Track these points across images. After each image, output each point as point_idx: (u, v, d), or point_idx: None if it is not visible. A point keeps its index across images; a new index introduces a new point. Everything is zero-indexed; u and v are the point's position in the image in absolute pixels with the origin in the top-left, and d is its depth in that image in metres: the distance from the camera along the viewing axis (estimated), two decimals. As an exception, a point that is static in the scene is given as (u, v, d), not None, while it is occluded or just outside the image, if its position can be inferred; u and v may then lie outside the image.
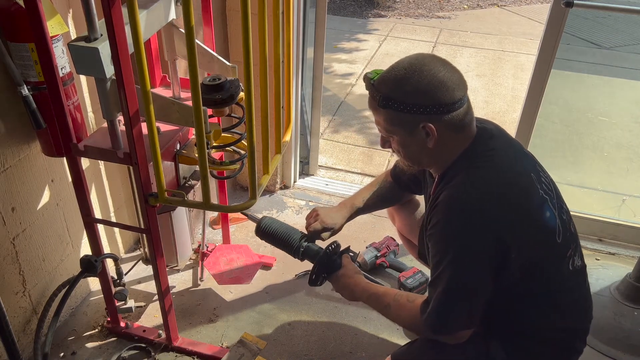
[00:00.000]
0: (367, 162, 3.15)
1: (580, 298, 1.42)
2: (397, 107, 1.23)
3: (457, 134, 1.27)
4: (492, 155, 1.28)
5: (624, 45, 5.15)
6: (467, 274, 1.24)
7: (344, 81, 4.27)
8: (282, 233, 1.60)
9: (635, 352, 1.96)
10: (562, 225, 1.30)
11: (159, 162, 1.40)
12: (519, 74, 4.44)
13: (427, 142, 1.26)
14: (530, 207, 1.25)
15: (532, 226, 1.25)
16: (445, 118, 1.23)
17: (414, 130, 1.25)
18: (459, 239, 1.24)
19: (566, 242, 1.32)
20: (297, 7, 2.34)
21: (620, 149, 3.31)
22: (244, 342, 1.94)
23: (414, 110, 1.22)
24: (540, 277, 1.31)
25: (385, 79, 1.27)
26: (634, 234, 2.46)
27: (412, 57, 1.28)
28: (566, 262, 1.33)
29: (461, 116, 1.25)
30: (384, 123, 1.29)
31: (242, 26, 1.19)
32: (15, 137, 1.59)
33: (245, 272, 2.15)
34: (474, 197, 1.23)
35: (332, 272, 1.53)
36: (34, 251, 1.77)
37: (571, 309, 1.39)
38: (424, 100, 1.21)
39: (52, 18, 1.38)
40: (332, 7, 6.13)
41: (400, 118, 1.25)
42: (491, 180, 1.25)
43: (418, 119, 1.23)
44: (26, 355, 1.82)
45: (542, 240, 1.28)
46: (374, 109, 1.30)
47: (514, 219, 1.22)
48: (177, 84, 1.74)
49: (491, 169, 1.27)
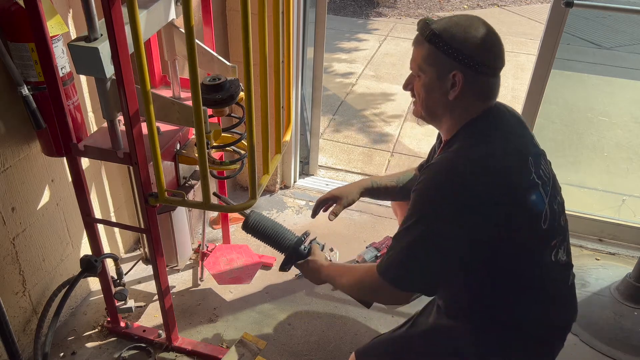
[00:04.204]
0: (367, 162, 3.15)
1: (565, 294, 1.41)
2: (441, 46, 1.25)
3: (476, 98, 1.29)
4: (490, 135, 1.30)
5: (624, 45, 5.15)
6: (434, 235, 1.25)
7: (344, 81, 4.27)
8: (273, 230, 1.62)
9: (635, 352, 1.96)
10: (551, 214, 1.31)
11: (159, 162, 1.40)
12: (519, 74, 4.44)
13: (449, 93, 1.28)
14: (517, 186, 1.26)
15: (515, 205, 1.26)
16: (477, 77, 1.26)
17: (445, 76, 1.27)
18: (435, 199, 1.26)
19: (553, 231, 1.32)
20: (297, 7, 2.34)
21: (620, 149, 3.31)
22: (244, 342, 1.95)
23: (454, 55, 1.24)
24: (521, 257, 1.31)
25: (443, 19, 1.30)
26: (634, 234, 2.46)
27: (475, 15, 1.32)
28: (550, 251, 1.32)
29: (489, 85, 1.29)
30: (421, 59, 1.30)
31: (242, 26, 1.19)
32: (15, 137, 1.59)
33: (245, 272, 2.15)
34: (461, 165, 1.25)
35: (302, 259, 1.58)
36: (34, 251, 1.77)
37: (554, 303, 1.38)
38: (467, 51, 1.24)
39: (52, 18, 1.38)
40: (332, 7, 6.13)
41: (439, 59, 1.26)
42: (482, 154, 1.27)
43: (453, 66, 1.25)
44: (26, 355, 1.82)
45: (526, 220, 1.28)
46: (418, 44, 1.32)
47: (496, 192, 1.23)
48: (177, 84, 1.74)
49: (487, 144, 1.29)
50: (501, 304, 1.34)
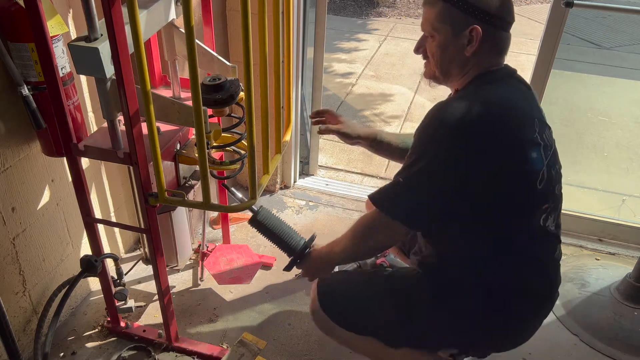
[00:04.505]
0: (367, 162, 3.15)
1: (547, 264, 1.39)
2: (456, 2, 1.26)
3: (491, 53, 1.31)
4: (496, 86, 1.32)
5: (624, 45, 5.15)
6: (430, 172, 1.27)
7: (344, 81, 4.27)
8: (281, 229, 1.60)
9: (635, 352, 1.96)
10: (548, 177, 1.31)
11: (159, 162, 1.40)
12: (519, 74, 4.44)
13: (466, 50, 1.29)
14: (519, 136, 1.27)
15: (512, 154, 1.26)
16: (492, 31, 1.28)
17: (461, 33, 1.28)
18: (433, 139, 1.27)
19: (547, 194, 1.32)
20: (297, 7, 2.34)
21: (620, 149, 3.31)
22: (244, 342, 1.95)
23: (470, 10, 1.25)
24: (511, 211, 1.31)
25: None
26: (634, 234, 2.46)
27: None
28: (540, 214, 1.32)
29: (503, 39, 1.31)
30: (434, 18, 1.30)
31: (242, 26, 1.19)
32: (15, 137, 1.59)
33: (245, 272, 2.15)
34: (462, 107, 1.26)
35: (305, 260, 1.58)
36: (34, 251, 1.77)
37: (536, 268, 1.37)
38: (484, 6, 1.25)
39: (52, 18, 1.38)
40: (332, 7, 6.13)
41: (454, 16, 1.27)
42: (484, 99, 1.28)
43: (471, 21, 1.26)
44: (26, 355, 1.82)
45: (522, 174, 1.28)
46: (429, 4, 1.32)
47: (494, 138, 1.24)
48: (177, 84, 1.74)
49: (492, 92, 1.30)
50: (489, 259, 1.34)
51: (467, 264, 1.36)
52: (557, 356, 1.95)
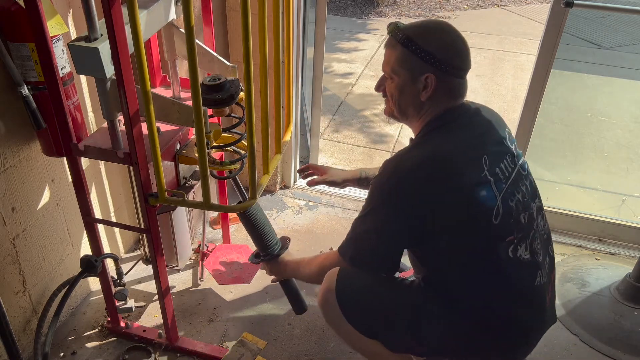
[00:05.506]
0: (367, 162, 3.15)
1: (529, 293, 1.40)
2: (415, 49, 1.32)
3: (446, 97, 1.37)
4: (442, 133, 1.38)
5: (624, 45, 5.15)
6: (384, 223, 1.38)
7: (344, 81, 4.27)
8: (263, 228, 1.74)
9: (635, 352, 1.96)
10: (506, 210, 1.33)
11: (159, 162, 1.40)
12: (519, 74, 4.44)
13: (421, 94, 1.36)
14: (462, 182, 1.31)
15: (459, 199, 1.31)
16: (447, 79, 1.34)
17: (417, 78, 1.35)
18: (383, 193, 1.38)
19: (507, 227, 1.33)
20: (297, 7, 2.34)
21: (620, 149, 3.31)
22: (244, 342, 1.95)
23: (427, 58, 1.32)
24: (473, 249, 1.34)
25: (414, 24, 1.39)
26: (634, 234, 2.46)
27: (444, 20, 1.41)
28: (505, 246, 1.33)
29: (457, 86, 1.38)
30: (394, 62, 1.38)
31: (242, 26, 1.19)
32: (15, 137, 1.59)
33: (245, 272, 2.15)
34: (406, 161, 1.36)
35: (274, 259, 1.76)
36: (34, 251, 1.77)
37: (518, 300, 1.38)
38: (440, 55, 1.31)
39: (52, 18, 1.38)
40: (332, 7, 6.14)
41: (412, 62, 1.34)
42: (426, 152, 1.35)
43: (426, 69, 1.32)
44: (26, 355, 1.82)
45: (472, 216, 1.32)
46: (390, 47, 1.39)
47: (438, 188, 1.31)
48: (177, 84, 1.74)
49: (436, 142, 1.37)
50: (466, 289, 1.38)
51: (456, 285, 1.39)
52: (557, 356, 1.95)
